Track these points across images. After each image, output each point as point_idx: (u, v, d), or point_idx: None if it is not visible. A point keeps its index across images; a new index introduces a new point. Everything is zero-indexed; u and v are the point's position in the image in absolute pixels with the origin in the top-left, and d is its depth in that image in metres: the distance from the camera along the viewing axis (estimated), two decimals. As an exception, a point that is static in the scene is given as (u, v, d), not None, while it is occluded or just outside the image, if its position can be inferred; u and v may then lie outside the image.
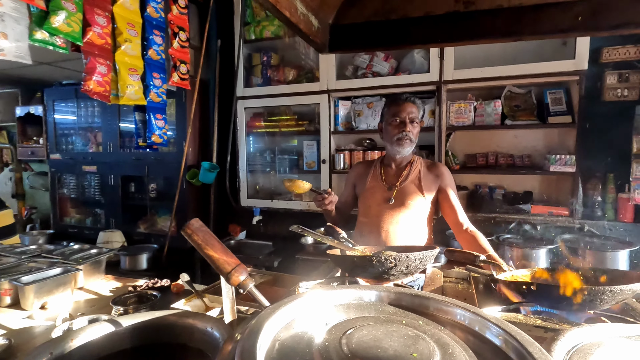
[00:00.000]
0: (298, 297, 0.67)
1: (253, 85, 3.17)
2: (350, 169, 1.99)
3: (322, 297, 0.70)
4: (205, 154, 3.37)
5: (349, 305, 0.72)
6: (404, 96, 1.70)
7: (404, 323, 0.63)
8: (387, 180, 1.76)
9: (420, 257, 0.97)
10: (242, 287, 0.66)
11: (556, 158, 2.37)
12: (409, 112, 1.65)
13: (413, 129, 1.66)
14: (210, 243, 0.66)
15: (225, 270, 0.65)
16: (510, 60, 2.51)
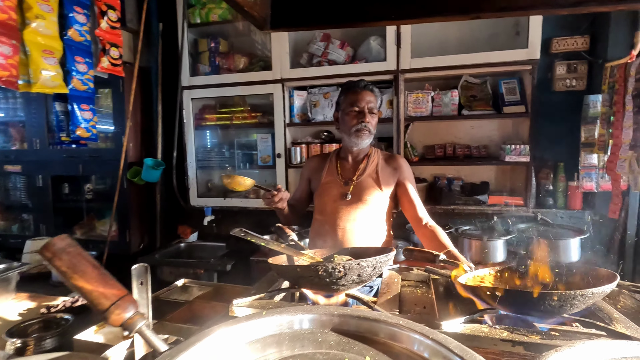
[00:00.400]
0: (206, 336, 0.50)
1: (200, 73, 2.91)
2: (305, 163, 1.87)
3: (241, 331, 0.54)
4: (148, 149, 3.06)
5: (281, 336, 0.57)
6: (362, 83, 1.57)
7: None
8: (344, 174, 1.63)
9: (374, 264, 0.84)
10: (127, 329, 0.48)
11: (511, 148, 2.37)
12: (367, 102, 1.53)
13: (372, 120, 1.55)
14: (80, 269, 0.48)
15: (101, 306, 0.47)
16: (466, 49, 2.47)
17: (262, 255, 2.52)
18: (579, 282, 0.84)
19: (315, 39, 2.68)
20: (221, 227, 3.06)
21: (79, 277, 0.47)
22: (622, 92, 1.96)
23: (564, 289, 0.89)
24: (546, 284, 0.87)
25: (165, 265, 2.62)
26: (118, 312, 0.47)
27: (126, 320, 0.48)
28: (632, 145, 1.80)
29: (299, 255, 1.08)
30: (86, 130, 2.03)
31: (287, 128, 2.75)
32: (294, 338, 0.56)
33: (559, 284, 0.90)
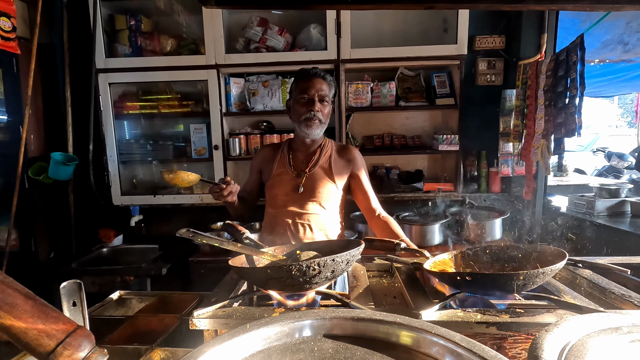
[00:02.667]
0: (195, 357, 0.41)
1: (119, 55, 2.56)
2: (255, 154, 1.79)
3: (230, 349, 0.46)
4: (56, 142, 2.62)
5: (271, 351, 0.50)
6: (313, 71, 1.51)
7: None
8: (296, 166, 1.57)
9: (348, 258, 0.81)
10: (82, 372, 0.37)
11: (443, 138, 2.54)
12: (318, 89, 1.47)
13: (323, 109, 1.50)
14: (6, 303, 0.35)
15: (43, 349, 0.35)
16: (401, 42, 2.57)
17: (203, 255, 2.34)
18: (527, 260, 0.91)
19: (252, 23, 2.53)
20: (152, 228, 2.77)
21: (4, 314, 0.34)
22: (534, 87, 2.22)
23: (514, 268, 0.96)
24: (502, 264, 0.93)
25: (86, 275, 2.28)
26: (69, 353, 0.36)
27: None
28: (543, 135, 2.05)
29: (258, 254, 1.00)
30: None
31: (224, 118, 2.57)
32: (286, 351, 0.50)
33: (509, 263, 0.97)
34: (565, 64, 1.83)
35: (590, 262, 1.02)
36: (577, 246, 2.67)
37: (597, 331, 0.52)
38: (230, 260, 0.93)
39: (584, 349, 0.47)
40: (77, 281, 0.72)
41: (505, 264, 1.00)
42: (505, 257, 1.01)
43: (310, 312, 0.55)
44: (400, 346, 0.51)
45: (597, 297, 0.87)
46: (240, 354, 0.48)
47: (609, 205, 2.68)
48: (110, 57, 2.51)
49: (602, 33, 3.40)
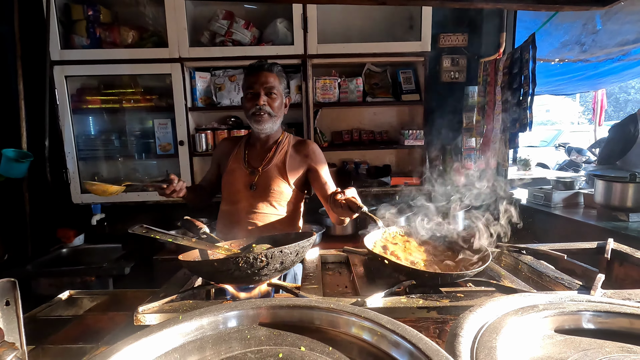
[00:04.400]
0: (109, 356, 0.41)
1: (76, 46, 2.45)
2: (216, 147, 1.76)
3: (154, 343, 0.46)
4: (7, 138, 2.48)
5: (203, 341, 0.50)
6: (258, 64, 1.47)
7: (281, 357, 0.44)
8: (251, 162, 1.54)
9: (297, 249, 0.82)
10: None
11: (409, 133, 2.60)
12: (263, 82, 1.44)
13: (272, 102, 1.46)
14: None
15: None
16: (367, 38, 2.60)
17: (168, 253, 2.29)
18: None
19: (217, 16, 2.49)
20: (115, 226, 2.68)
21: None
22: (493, 84, 2.31)
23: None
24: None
25: (43, 277, 2.18)
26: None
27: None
28: (502, 130, 2.13)
29: (213, 249, 0.99)
30: None
31: (189, 113, 2.52)
32: (219, 340, 0.50)
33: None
34: (519, 62, 1.91)
35: (533, 248, 1.08)
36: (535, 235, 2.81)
37: (515, 310, 0.55)
38: (180, 255, 0.91)
39: (500, 326, 0.50)
40: (11, 280, 0.70)
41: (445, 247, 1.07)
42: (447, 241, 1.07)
43: (245, 302, 0.56)
44: (331, 331, 0.52)
45: (534, 281, 0.92)
46: (172, 343, 0.48)
47: (564, 196, 2.83)
48: (66, 49, 2.40)
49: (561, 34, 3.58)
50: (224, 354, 0.46)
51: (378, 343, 0.48)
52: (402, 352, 0.45)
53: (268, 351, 0.46)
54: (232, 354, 0.46)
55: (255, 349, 0.47)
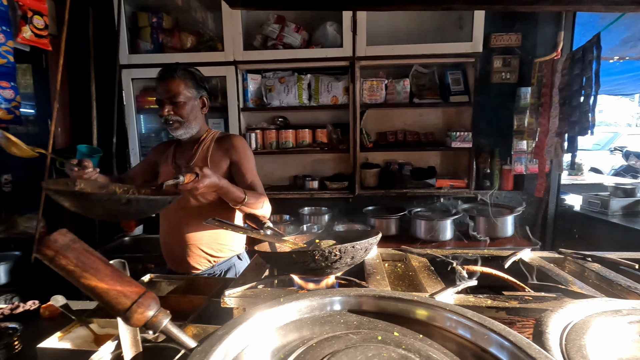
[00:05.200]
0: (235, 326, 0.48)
1: (141, 51, 2.65)
2: (153, 147, 1.74)
3: (267, 318, 0.53)
4: (80, 135, 2.73)
5: (303, 322, 0.56)
6: (160, 73, 1.44)
7: (380, 339, 0.50)
8: (177, 162, 1.55)
9: (366, 246, 0.87)
10: (151, 328, 0.44)
11: (456, 135, 2.56)
12: (167, 91, 1.40)
13: (178, 109, 1.42)
14: (91, 267, 0.42)
15: (121, 307, 0.42)
16: (415, 39, 2.59)
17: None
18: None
19: (269, 20, 2.59)
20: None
21: (90, 276, 0.41)
22: (549, 85, 2.23)
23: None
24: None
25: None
26: (141, 311, 0.42)
27: (150, 319, 0.43)
28: (557, 133, 2.06)
29: (281, 242, 1.07)
30: (7, 111, 1.74)
31: (241, 113, 2.65)
32: (316, 322, 0.56)
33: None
34: (581, 63, 1.84)
35: (600, 256, 1.06)
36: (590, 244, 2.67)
37: (598, 313, 0.57)
38: (256, 246, 1.00)
39: (585, 326, 0.52)
40: (122, 260, 0.81)
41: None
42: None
43: (335, 291, 0.62)
44: (417, 321, 0.56)
45: (604, 289, 0.91)
46: (276, 322, 0.55)
47: (623, 204, 2.67)
48: (133, 54, 2.61)
49: (622, 30, 3.36)
50: (326, 333, 0.52)
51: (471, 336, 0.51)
52: (490, 343, 0.49)
53: (366, 333, 0.51)
54: (334, 334, 0.51)
55: (354, 330, 0.52)
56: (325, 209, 2.77)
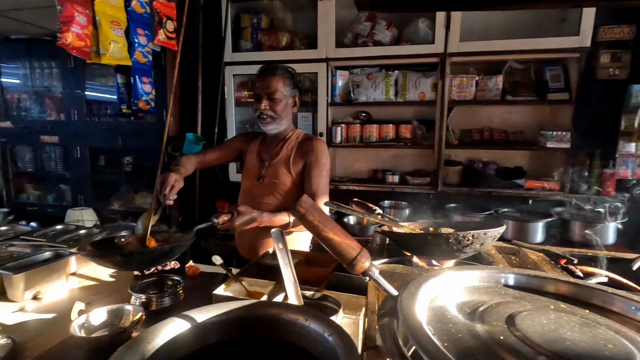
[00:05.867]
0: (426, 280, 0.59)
1: (242, 49, 2.92)
2: (239, 134, 1.84)
3: (455, 277, 0.63)
4: (187, 124, 3.09)
5: (477, 288, 0.65)
6: (263, 68, 1.53)
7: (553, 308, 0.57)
8: (262, 156, 1.65)
9: (494, 234, 0.93)
10: (367, 275, 0.56)
11: (552, 134, 2.44)
12: (266, 87, 1.49)
13: (274, 105, 1.50)
14: (329, 223, 0.55)
15: (349, 256, 0.55)
16: (510, 34, 2.50)
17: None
18: None
19: (361, 18, 2.68)
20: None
21: (329, 230, 0.55)
22: (671, 83, 2.02)
23: None
24: None
25: (210, 238, 2.72)
26: (363, 261, 0.55)
27: (368, 269, 0.56)
28: (680, 135, 1.87)
29: (399, 227, 1.17)
30: (146, 102, 2.07)
31: (329, 107, 2.79)
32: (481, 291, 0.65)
33: None
34: None
35: None
36: None
37: None
38: (380, 228, 1.11)
39: None
40: (281, 230, 0.96)
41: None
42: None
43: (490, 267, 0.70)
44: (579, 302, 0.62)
45: None
46: (455, 284, 0.64)
47: None
48: (235, 52, 2.88)
49: None
50: (500, 298, 0.60)
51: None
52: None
53: (536, 300, 0.59)
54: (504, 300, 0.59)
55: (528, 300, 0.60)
56: (405, 203, 2.82)
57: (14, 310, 1.20)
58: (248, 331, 0.64)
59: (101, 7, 1.77)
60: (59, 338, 1.01)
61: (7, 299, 1.27)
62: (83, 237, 1.64)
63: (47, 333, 1.06)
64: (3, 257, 1.36)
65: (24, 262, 1.33)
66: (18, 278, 1.23)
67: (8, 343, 0.96)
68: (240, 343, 0.65)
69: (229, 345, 0.64)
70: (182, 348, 0.62)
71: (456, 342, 0.46)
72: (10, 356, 0.91)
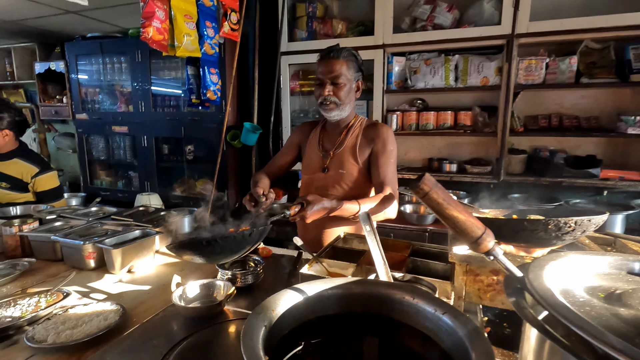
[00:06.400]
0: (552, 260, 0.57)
1: (297, 39, 2.95)
2: (295, 129, 1.73)
3: (577, 261, 0.61)
4: (243, 114, 3.20)
5: (603, 275, 0.63)
6: (325, 52, 1.43)
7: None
8: (325, 146, 1.57)
9: (598, 222, 0.88)
10: (491, 254, 0.56)
11: (635, 120, 2.23)
12: (329, 72, 1.40)
13: (338, 90, 1.42)
14: (452, 201, 0.55)
15: (474, 235, 0.55)
16: (586, 10, 2.30)
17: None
18: None
19: (420, 1, 2.60)
20: (310, 191, 3.19)
21: (453, 208, 0.55)
22: None
23: None
24: None
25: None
26: (488, 240, 0.55)
27: (492, 248, 0.55)
28: None
29: (480, 213, 1.14)
30: (214, 92, 2.17)
31: (384, 95, 2.75)
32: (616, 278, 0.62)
33: None
34: None
35: None
36: None
37: None
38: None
39: None
40: (367, 212, 0.98)
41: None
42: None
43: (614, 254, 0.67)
44: None
45: None
46: (585, 268, 0.62)
47: None
48: (291, 42, 2.91)
49: None
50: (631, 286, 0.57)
51: None
52: None
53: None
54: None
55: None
56: (463, 193, 2.73)
57: (114, 281, 1.34)
58: (352, 306, 0.67)
59: (176, 2, 1.87)
60: (160, 307, 1.11)
61: (107, 270, 1.41)
62: (162, 218, 1.77)
63: (148, 302, 1.17)
64: (101, 233, 1.52)
65: (118, 238, 1.47)
66: (116, 252, 1.36)
67: (119, 309, 1.07)
68: (344, 317, 0.68)
69: (335, 319, 0.67)
70: (299, 317, 0.66)
71: (603, 325, 0.45)
72: (121, 320, 1.02)
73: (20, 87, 4.22)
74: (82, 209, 1.88)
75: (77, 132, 3.72)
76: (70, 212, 1.81)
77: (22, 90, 4.24)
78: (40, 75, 3.79)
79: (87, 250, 1.40)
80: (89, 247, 1.40)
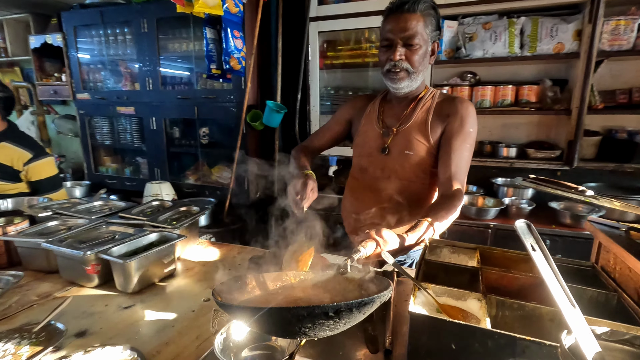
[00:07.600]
0: None
1: (329, 1, 2.52)
2: (345, 103, 1.45)
3: None
4: (264, 91, 2.81)
5: None
6: (398, 2, 1.10)
7: None
8: (386, 121, 1.29)
9: None
10: None
11: None
12: (402, 29, 1.09)
13: (411, 55, 1.12)
14: None
15: None
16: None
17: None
18: None
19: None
20: (339, 179, 2.83)
21: None
22: None
23: None
24: None
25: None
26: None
27: None
28: None
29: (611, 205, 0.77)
30: (238, 61, 1.78)
31: (432, 67, 2.34)
32: None
33: None
34: None
35: None
36: None
37: None
38: None
39: None
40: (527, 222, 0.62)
41: None
42: None
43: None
44: None
45: None
46: None
47: None
48: (321, 5, 2.50)
49: None
50: None
51: None
52: None
53: None
54: None
55: None
56: (524, 181, 2.35)
57: (126, 305, 1.00)
58: None
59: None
60: (193, 351, 0.78)
61: (115, 288, 1.07)
62: (183, 216, 1.42)
63: (176, 342, 0.83)
64: (105, 238, 1.17)
65: (129, 245, 1.12)
66: (128, 267, 1.02)
67: (134, 358, 0.73)
68: None
69: None
70: None
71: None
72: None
73: (16, 64, 3.84)
74: (84, 202, 1.53)
75: (78, 113, 3.35)
76: (69, 207, 1.47)
77: (18, 69, 3.86)
78: (37, 51, 3.40)
79: (89, 262, 1.06)
80: (92, 258, 1.06)
